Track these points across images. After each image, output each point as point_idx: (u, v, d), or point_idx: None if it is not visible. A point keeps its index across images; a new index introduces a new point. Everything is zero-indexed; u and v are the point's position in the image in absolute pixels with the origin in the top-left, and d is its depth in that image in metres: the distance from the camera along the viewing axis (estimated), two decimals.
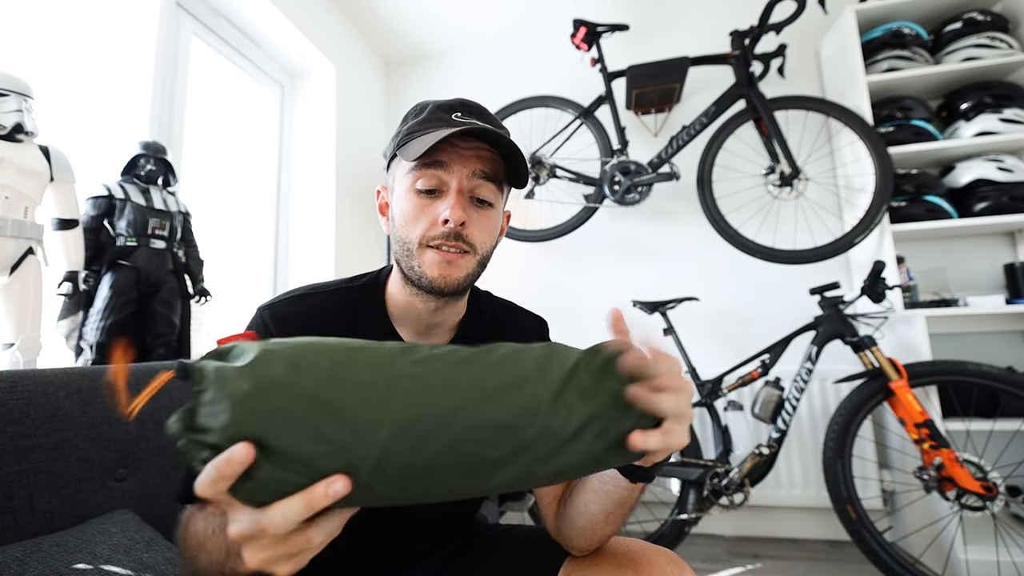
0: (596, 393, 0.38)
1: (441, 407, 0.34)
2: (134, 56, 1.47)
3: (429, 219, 0.54)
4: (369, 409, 0.32)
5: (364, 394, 0.33)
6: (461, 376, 0.35)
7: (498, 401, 0.35)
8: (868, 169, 1.70)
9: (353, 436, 0.31)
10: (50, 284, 1.07)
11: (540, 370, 0.37)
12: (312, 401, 0.31)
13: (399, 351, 0.36)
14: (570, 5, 2.23)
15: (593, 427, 0.37)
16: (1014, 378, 1.31)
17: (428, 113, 0.57)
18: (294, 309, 0.58)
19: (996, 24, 1.72)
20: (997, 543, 1.42)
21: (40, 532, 0.70)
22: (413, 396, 0.34)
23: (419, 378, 0.34)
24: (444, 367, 0.36)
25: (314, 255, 2.05)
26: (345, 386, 0.33)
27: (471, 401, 0.34)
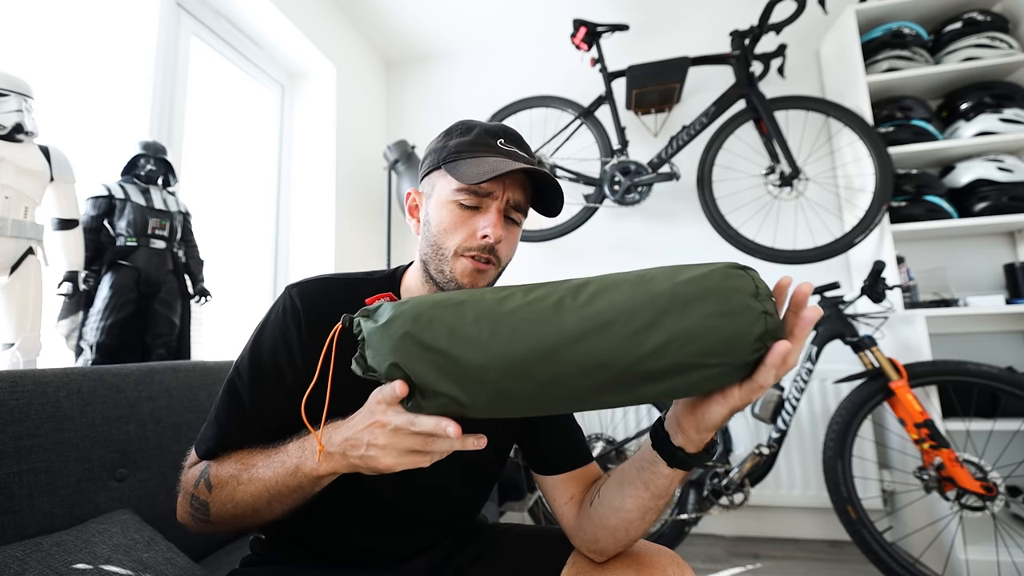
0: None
1: (539, 347, 0.41)
2: (134, 56, 1.48)
3: (468, 231, 0.59)
4: (477, 355, 0.42)
5: (471, 344, 0.42)
6: (552, 321, 0.41)
7: (588, 341, 0.40)
8: (868, 169, 1.70)
9: (468, 377, 0.42)
10: (50, 284, 1.07)
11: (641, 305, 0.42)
12: (432, 350, 0.42)
13: (495, 302, 0.44)
14: (570, 5, 2.23)
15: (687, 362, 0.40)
16: (1014, 378, 1.31)
17: (476, 136, 0.61)
18: (320, 288, 0.63)
19: (996, 24, 1.72)
20: (997, 543, 1.42)
21: (40, 532, 0.70)
22: (512, 340, 0.41)
23: (515, 326, 0.42)
24: (537, 313, 0.42)
25: (314, 255, 2.05)
26: (454, 337, 0.42)
27: (564, 341, 0.41)
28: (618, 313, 0.40)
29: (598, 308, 0.41)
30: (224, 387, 0.60)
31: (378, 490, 0.60)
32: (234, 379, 0.60)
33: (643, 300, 0.41)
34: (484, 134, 0.61)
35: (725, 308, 0.39)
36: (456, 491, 0.66)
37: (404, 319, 0.43)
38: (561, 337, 0.40)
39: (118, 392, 0.86)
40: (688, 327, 0.39)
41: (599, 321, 0.40)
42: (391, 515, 0.63)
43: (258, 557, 0.67)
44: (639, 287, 0.42)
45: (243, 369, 0.59)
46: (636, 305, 0.40)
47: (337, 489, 0.55)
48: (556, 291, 0.44)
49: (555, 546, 0.64)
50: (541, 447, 0.67)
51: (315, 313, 0.60)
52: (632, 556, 0.58)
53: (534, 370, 0.41)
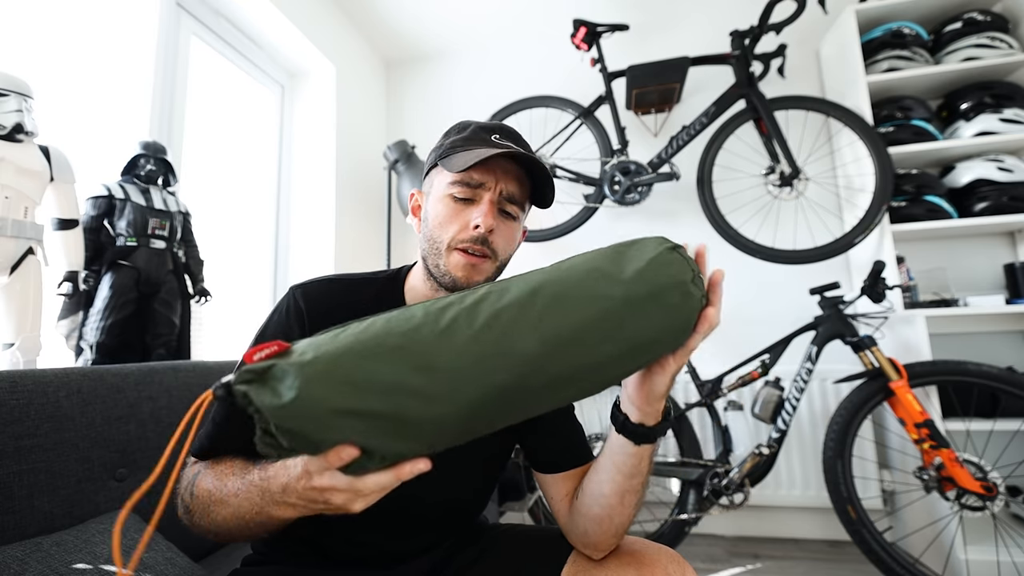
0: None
1: (500, 384, 0.37)
2: (134, 56, 1.47)
3: (461, 223, 0.60)
4: (430, 408, 0.36)
5: (420, 397, 0.35)
6: (510, 353, 0.38)
7: (550, 365, 0.39)
8: (868, 169, 1.70)
9: (423, 431, 0.36)
10: (50, 284, 1.07)
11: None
12: (374, 416, 0.34)
13: (435, 337, 0.37)
14: (570, 5, 2.23)
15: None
16: (1014, 378, 1.31)
17: (471, 132, 0.63)
18: (324, 289, 0.64)
19: (996, 24, 1.72)
20: (997, 543, 1.42)
21: (40, 532, 0.70)
22: (469, 383, 0.37)
23: (467, 369, 0.37)
24: (491, 347, 0.38)
25: (314, 255, 2.05)
26: (398, 395, 0.35)
27: (527, 371, 0.38)
28: (576, 332, 0.39)
29: (555, 331, 0.39)
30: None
31: None
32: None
33: (598, 313, 0.40)
34: (479, 130, 0.63)
35: (674, 302, 0.42)
36: (458, 492, 0.66)
37: (322, 387, 0.33)
38: (523, 367, 0.38)
39: (118, 392, 0.86)
40: (646, 330, 0.42)
41: (560, 344, 0.39)
42: (393, 515, 0.63)
43: (260, 556, 0.67)
44: (590, 295, 0.41)
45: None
46: (593, 320, 0.40)
47: None
48: (503, 306, 0.39)
49: (555, 546, 0.64)
50: (542, 447, 0.67)
51: (318, 314, 0.60)
52: (632, 555, 0.58)
53: (497, 403, 0.38)
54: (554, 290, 0.41)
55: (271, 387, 0.34)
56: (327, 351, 0.35)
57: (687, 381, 1.85)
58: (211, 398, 0.35)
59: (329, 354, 0.35)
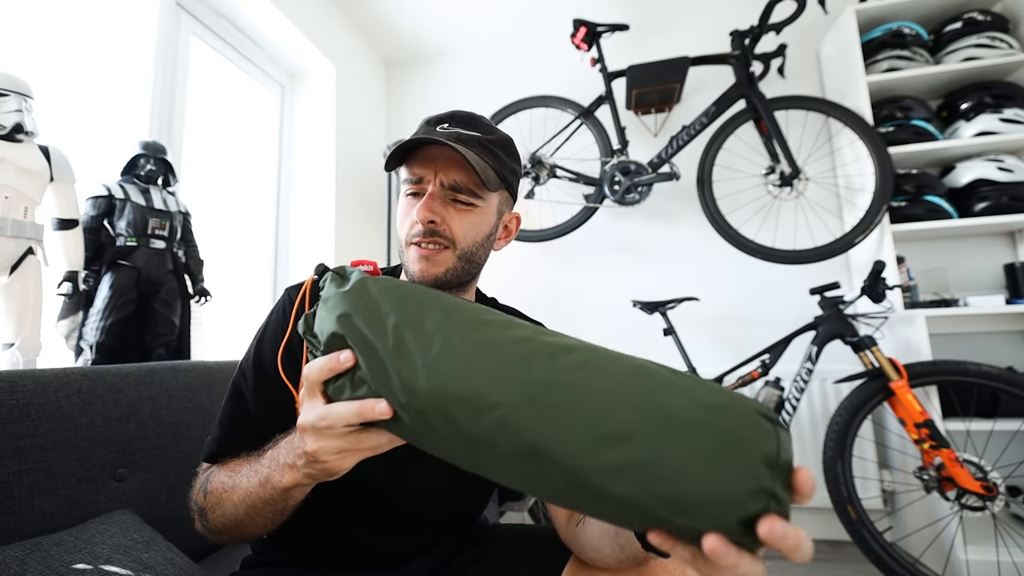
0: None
1: (473, 393, 0.34)
2: (134, 56, 1.47)
3: (410, 220, 0.60)
4: (412, 374, 0.35)
5: (412, 359, 0.36)
6: (512, 370, 0.34)
7: (541, 411, 0.32)
8: (868, 169, 1.70)
9: (412, 380, 0.35)
10: (50, 284, 1.07)
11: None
12: (366, 346, 0.37)
13: (464, 324, 0.37)
14: (570, 5, 2.23)
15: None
16: (1014, 378, 1.31)
17: (420, 126, 0.62)
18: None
19: (996, 24, 1.72)
20: (997, 543, 1.42)
21: (40, 532, 0.70)
22: (451, 375, 0.35)
23: (467, 359, 0.35)
24: (501, 355, 0.35)
25: (314, 255, 2.05)
26: (399, 347, 0.36)
27: (507, 401, 0.33)
28: (593, 396, 0.32)
29: (573, 379, 0.33)
30: (229, 390, 0.61)
31: (379, 489, 0.60)
32: (238, 382, 0.60)
33: (629, 399, 0.31)
34: (426, 124, 0.62)
35: (722, 455, 0.29)
36: (457, 492, 0.66)
37: (365, 295, 0.39)
38: (517, 390, 0.33)
39: (118, 392, 0.86)
40: (667, 458, 0.29)
41: (568, 392, 0.32)
42: (392, 515, 0.63)
43: (259, 557, 0.67)
44: (635, 378, 0.32)
45: (247, 371, 0.60)
46: (619, 398, 0.31)
47: (338, 488, 0.55)
48: (541, 340, 0.36)
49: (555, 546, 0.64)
50: None
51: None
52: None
53: (462, 419, 0.33)
54: (602, 356, 0.35)
55: (343, 280, 0.42)
56: (391, 284, 0.40)
57: None
58: (312, 280, 0.48)
59: (391, 284, 0.40)
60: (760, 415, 0.31)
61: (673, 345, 1.70)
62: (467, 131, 0.60)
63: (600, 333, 2.13)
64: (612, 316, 2.13)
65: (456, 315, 0.38)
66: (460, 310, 0.38)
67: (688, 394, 0.31)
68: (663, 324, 1.71)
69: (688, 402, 0.31)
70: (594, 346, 0.36)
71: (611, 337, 2.11)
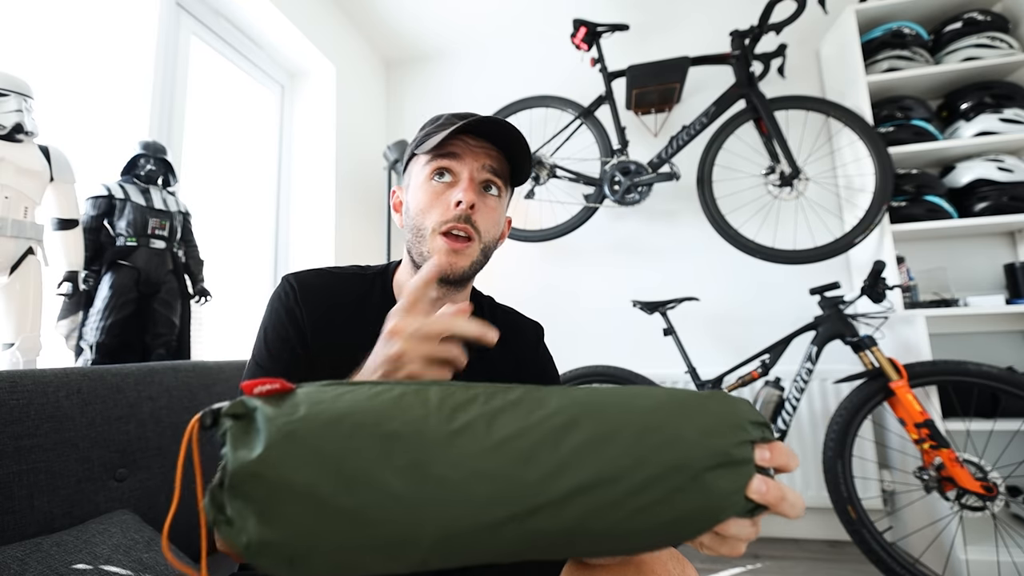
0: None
1: (484, 519, 0.29)
2: (134, 56, 1.47)
3: (443, 205, 0.60)
4: (402, 519, 0.28)
5: (394, 505, 0.29)
6: (517, 475, 0.30)
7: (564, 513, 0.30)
8: (868, 169, 1.70)
9: (395, 551, 0.29)
10: (50, 284, 1.07)
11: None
12: (330, 510, 0.28)
13: (444, 439, 0.31)
14: (570, 5, 2.23)
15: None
16: (1014, 378, 1.31)
17: (444, 119, 0.63)
18: (317, 280, 0.65)
19: (996, 24, 1.72)
20: (997, 543, 1.42)
21: (40, 532, 0.70)
22: (460, 504, 0.29)
23: (465, 487, 0.29)
24: (500, 459, 0.31)
25: (314, 255, 2.05)
26: (369, 491, 0.28)
27: (522, 511, 0.30)
28: (613, 476, 0.31)
29: (590, 470, 0.31)
30: (246, 376, 0.60)
31: None
32: (254, 370, 0.60)
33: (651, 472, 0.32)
34: (451, 117, 0.62)
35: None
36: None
37: (288, 452, 0.28)
38: (533, 503, 0.30)
39: (118, 392, 0.86)
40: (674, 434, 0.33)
41: (587, 488, 0.31)
42: None
43: None
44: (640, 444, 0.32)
45: (260, 359, 0.60)
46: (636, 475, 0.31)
47: None
48: (532, 423, 0.32)
49: None
50: None
51: (311, 298, 0.62)
52: None
53: (483, 539, 0.30)
54: (601, 427, 0.33)
55: (248, 433, 0.30)
56: (319, 412, 0.30)
57: (687, 381, 1.85)
58: (198, 426, 0.30)
59: (318, 416, 0.30)
60: (712, 399, 0.35)
61: (673, 345, 1.70)
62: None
63: (600, 333, 2.13)
64: (612, 316, 2.13)
65: (427, 421, 0.31)
66: (424, 428, 0.31)
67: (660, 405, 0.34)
68: (663, 324, 1.71)
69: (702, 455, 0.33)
70: (574, 406, 0.33)
71: (611, 337, 2.11)
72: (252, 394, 0.31)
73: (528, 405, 0.33)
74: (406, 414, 0.31)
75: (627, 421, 0.33)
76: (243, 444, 0.29)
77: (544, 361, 0.77)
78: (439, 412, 0.32)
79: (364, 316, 0.64)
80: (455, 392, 0.34)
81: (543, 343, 0.78)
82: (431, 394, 0.33)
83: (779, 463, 0.34)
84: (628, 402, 0.34)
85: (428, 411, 0.32)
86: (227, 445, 0.29)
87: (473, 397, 0.34)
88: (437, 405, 0.32)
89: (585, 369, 1.78)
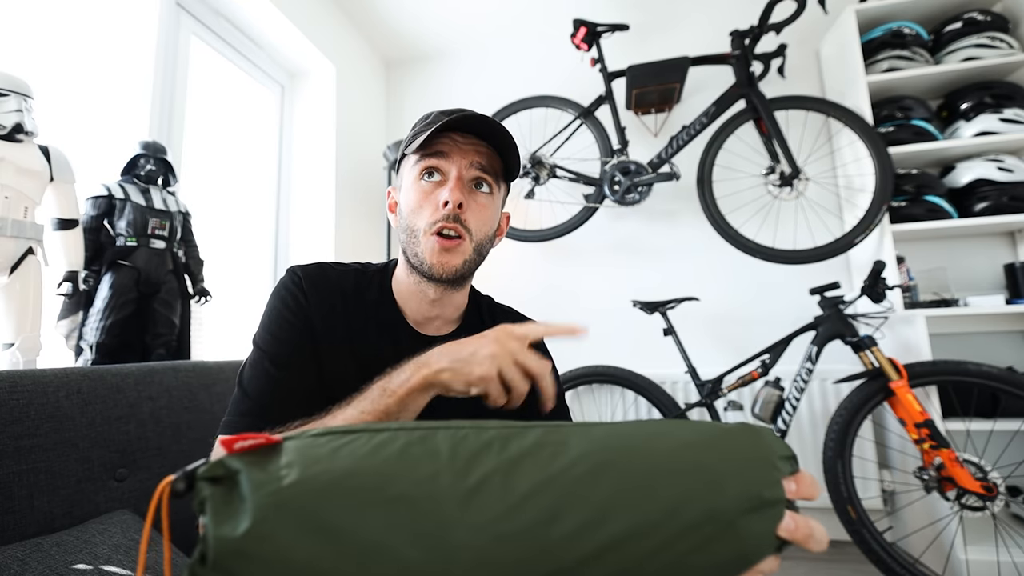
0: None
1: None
2: (134, 56, 1.47)
3: (433, 205, 0.60)
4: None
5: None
6: (543, 541, 0.28)
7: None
8: (868, 169, 1.70)
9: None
10: (50, 284, 1.07)
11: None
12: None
13: (458, 503, 0.28)
14: (570, 5, 2.23)
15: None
16: (1014, 378, 1.31)
17: (432, 117, 0.62)
18: (320, 272, 0.65)
19: (996, 24, 1.72)
20: (997, 543, 1.42)
21: (40, 532, 0.69)
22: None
23: (480, 550, 0.27)
24: (519, 527, 0.28)
25: (314, 255, 2.05)
26: (381, 566, 0.25)
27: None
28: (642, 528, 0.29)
29: (619, 522, 0.29)
30: (249, 364, 0.59)
31: None
32: (257, 356, 0.59)
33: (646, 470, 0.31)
34: (439, 114, 0.62)
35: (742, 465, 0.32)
36: None
37: (285, 525, 0.25)
38: (561, 562, 0.28)
39: (118, 392, 0.86)
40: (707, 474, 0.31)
41: (616, 542, 0.29)
42: None
43: None
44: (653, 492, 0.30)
45: (263, 343, 0.60)
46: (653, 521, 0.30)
47: None
48: (555, 472, 0.30)
49: None
50: None
51: (316, 289, 0.62)
52: None
53: None
54: (627, 468, 0.31)
55: (231, 503, 0.26)
56: (315, 474, 0.27)
57: (687, 381, 1.85)
58: (169, 491, 0.27)
59: (315, 480, 0.27)
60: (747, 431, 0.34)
61: (673, 345, 1.70)
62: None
63: (600, 333, 2.13)
64: (612, 316, 2.13)
65: (437, 482, 0.28)
66: (436, 490, 0.28)
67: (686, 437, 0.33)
68: (663, 324, 1.71)
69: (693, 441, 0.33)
70: (594, 450, 0.31)
71: (611, 337, 2.11)
72: (232, 451, 0.27)
73: (548, 451, 0.31)
74: (414, 472, 0.28)
75: (655, 467, 0.31)
76: (226, 516, 0.25)
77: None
78: (452, 464, 0.29)
79: (364, 311, 0.64)
80: (467, 437, 0.31)
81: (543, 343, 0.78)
82: (439, 442, 0.30)
83: (805, 495, 0.33)
84: (652, 444, 0.32)
85: (439, 466, 0.29)
86: (207, 515, 0.26)
87: (487, 443, 0.31)
88: (448, 456, 0.30)
89: (585, 369, 1.78)
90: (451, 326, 0.69)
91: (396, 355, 0.53)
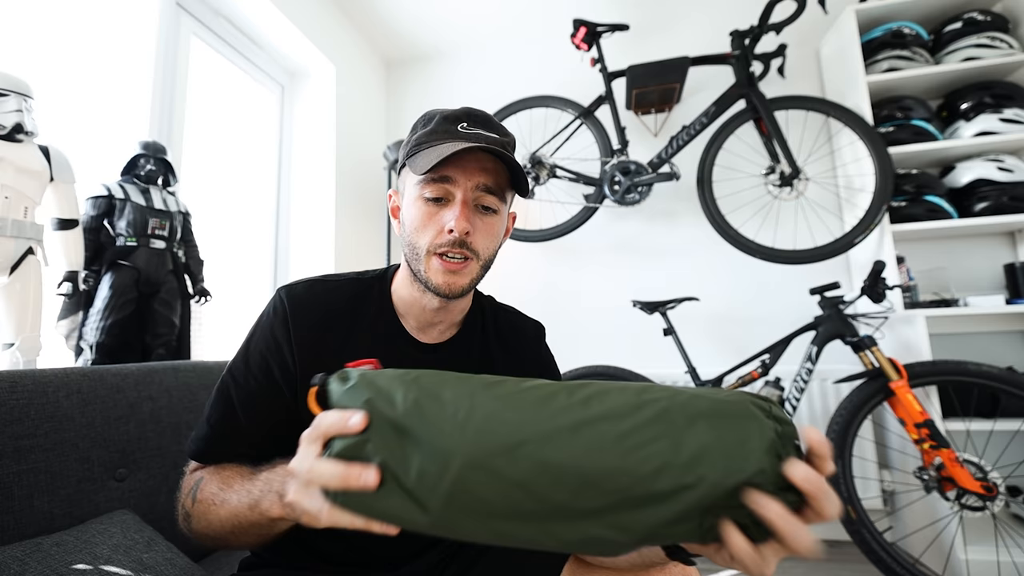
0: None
1: (511, 440, 0.35)
2: (134, 56, 1.47)
3: (436, 228, 0.58)
4: (444, 439, 0.35)
5: (440, 425, 0.36)
6: (539, 411, 0.36)
7: (576, 439, 0.34)
8: (868, 169, 1.70)
9: (430, 463, 0.35)
10: (50, 284, 1.07)
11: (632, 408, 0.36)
12: (396, 428, 0.37)
13: (483, 385, 0.38)
14: (570, 5, 2.23)
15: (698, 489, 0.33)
16: (1014, 378, 1.31)
17: (435, 124, 0.59)
18: (309, 293, 0.62)
19: (996, 24, 1.72)
20: (997, 543, 1.42)
21: (40, 532, 0.70)
22: (485, 429, 0.35)
23: (494, 413, 0.36)
24: (524, 401, 0.37)
25: (314, 255, 2.05)
26: (424, 417, 0.36)
27: (541, 436, 0.35)
28: (619, 416, 0.35)
29: (597, 407, 0.36)
30: (217, 388, 0.60)
31: None
32: (227, 381, 0.59)
33: (649, 412, 0.35)
34: (443, 121, 0.59)
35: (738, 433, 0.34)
36: None
37: (368, 387, 0.39)
38: (548, 426, 0.35)
39: (118, 392, 0.86)
40: (692, 444, 0.34)
41: (595, 422, 0.35)
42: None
43: (257, 559, 0.66)
44: (646, 395, 0.37)
45: (236, 371, 0.59)
46: (640, 411, 0.36)
47: None
48: (557, 384, 0.39)
49: None
50: None
51: (301, 314, 0.60)
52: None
53: (504, 467, 0.34)
54: (609, 385, 0.38)
55: (342, 381, 0.40)
56: (391, 376, 0.40)
57: (687, 381, 1.85)
58: (315, 390, 0.42)
59: (401, 372, 0.40)
60: (754, 405, 0.36)
61: (673, 345, 1.70)
62: (487, 132, 0.59)
63: (600, 333, 2.13)
64: (612, 316, 2.13)
65: (471, 381, 0.39)
66: (473, 377, 0.40)
67: (694, 398, 0.36)
68: (663, 324, 1.71)
69: (703, 402, 0.36)
70: (599, 382, 0.39)
71: (611, 337, 2.11)
72: (348, 367, 0.43)
73: (633, 389, 0.38)
74: (455, 376, 0.40)
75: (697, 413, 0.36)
76: (343, 382, 0.41)
77: (545, 361, 0.77)
78: (479, 378, 0.40)
79: (357, 327, 0.63)
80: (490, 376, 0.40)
81: (544, 342, 0.78)
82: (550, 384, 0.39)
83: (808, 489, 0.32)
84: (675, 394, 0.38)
85: (556, 387, 0.39)
86: (332, 389, 0.41)
87: (506, 379, 0.40)
88: (559, 387, 0.39)
89: (586, 369, 1.78)
90: (452, 331, 0.68)
91: (394, 367, 0.53)
